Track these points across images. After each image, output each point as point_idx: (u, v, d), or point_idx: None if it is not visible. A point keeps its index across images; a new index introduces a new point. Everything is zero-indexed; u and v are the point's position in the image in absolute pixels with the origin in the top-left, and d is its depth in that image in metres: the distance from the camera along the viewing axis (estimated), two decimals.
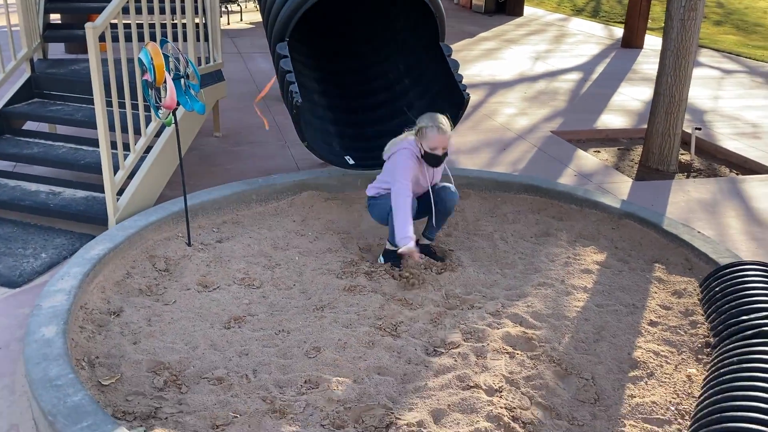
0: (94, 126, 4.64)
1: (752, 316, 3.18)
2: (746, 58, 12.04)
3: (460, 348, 3.20)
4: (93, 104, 5.05)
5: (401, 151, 3.91)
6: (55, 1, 6.02)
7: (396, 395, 2.88)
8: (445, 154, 3.88)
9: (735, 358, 2.92)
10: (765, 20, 16.68)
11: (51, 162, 4.68)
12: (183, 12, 5.07)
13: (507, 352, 3.17)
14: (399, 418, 2.72)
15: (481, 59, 10.90)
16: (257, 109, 6.05)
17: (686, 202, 5.30)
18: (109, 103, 4.27)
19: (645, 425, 2.75)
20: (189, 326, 3.31)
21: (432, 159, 3.86)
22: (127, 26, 4.39)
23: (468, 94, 4.72)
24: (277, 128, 6.79)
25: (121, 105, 4.92)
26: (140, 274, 3.76)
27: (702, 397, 2.83)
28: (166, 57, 3.73)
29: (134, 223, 4.04)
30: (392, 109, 5.45)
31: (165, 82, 3.66)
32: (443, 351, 3.19)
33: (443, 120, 3.86)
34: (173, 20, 4.98)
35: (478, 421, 2.70)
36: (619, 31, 14.26)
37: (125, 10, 4.25)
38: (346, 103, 5.59)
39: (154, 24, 4.74)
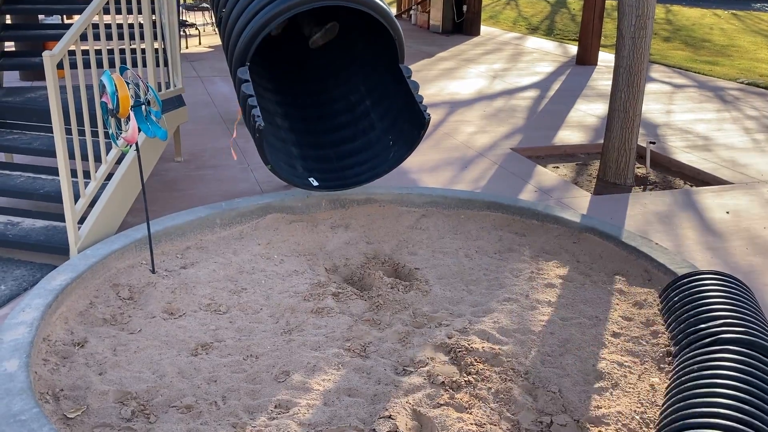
0: (52, 154, 4.59)
1: (710, 324, 3.28)
2: (695, 72, 12.43)
3: (428, 366, 3.23)
4: (51, 132, 4.99)
5: None
6: (10, 29, 5.95)
7: (366, 416, 2.89)
8: None
9: (695, 366, 3.00)
10: (711, 36, 17.26)
11: (9, 192, 4.60)
12: (142, 37, 5.06)
13: (475, 369, 3.20)
14: None
15: (440, 79, 11.05)
16: (232, 144, 6.05)
17: (643, 215, 5.44)
18: (68, 131, 4.23)
19: None
20: (155, 354, 3.28)
21: None
22: (85, 53, 4.36)
23: (429, 115, 4.79)
24: (240, 152, 6.78)
25: (81, 132, 4.87)
26: (104, 303, 3.71)
27: (665, 406, 2.90)
28: (127, 84, 3.72)
29: (96, 251, 3.99)
30: (354, 130, 5.50)
31: (129, 116, 3.65)
32: (412, 370, 3.22)
33: None
34: (132, 46, 4.96)
35: None
36: (573, 49, 14.61)
37: (83, 37, 4.22)
38: (308, 125, 5.62)
39: (112, 50, 4.71)
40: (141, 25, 5.11)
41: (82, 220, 4.27)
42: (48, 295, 3.48)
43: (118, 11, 4.95)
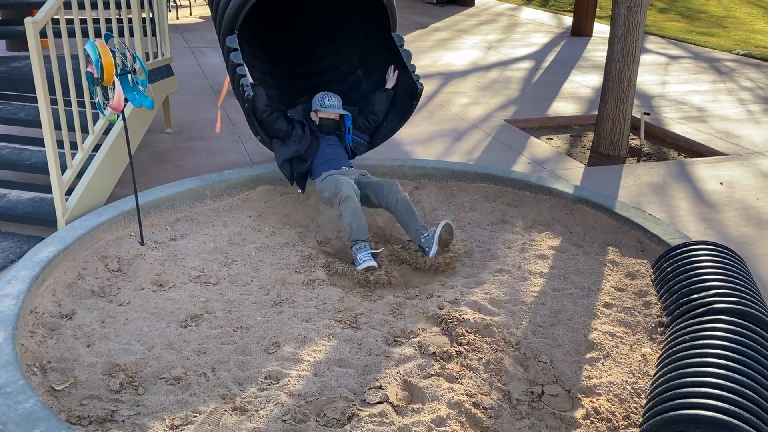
0: (38, 125, 4.50)
1: (702, 294, 3.26)
2: (691, 44, 12.34)
3: (419, 337, 3.21)
4: (36, 102, 4.90)
5: None
6: None
7: (357, 387, 2.88)
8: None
9: (687, 336, 2.99)
10: (708, 7, 17.11)
11: None
12: (129, 6, 4.95)
13: (466, 339, 3.19)
14: (361, 410, 2.72)
15: (434, 50, 10.93)
16: (219, 111, 5.96)
17: (637, 186, 5.41)
18: (53, 101, 4.14)
19: (603, 404, 2.80)
20: (144, 326, 3.25)
21: None
22: (69, 22, 4.26)
23: (422, 85, 4.72)
24: (230, 123, 6.70)
25: (67, 103, 4.79)
26: (92, 275, 3.67)
27: (656, 376, 2.89)
28: (113, 52, 3.64)
29: (84, 223, 3.94)
30: (346, 101, 5.42)
31: (113, 82, 3.57)
32: (403, 341, 3.20)
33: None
34: (119, 15, 4.86)
35: (439, 408, 2.71)
36: (568, 20, 14.46)
37: (67, 5, 4.12)
38: (299, 95, 5.53)
39: (98, 19, 4.61)
40: None
41: (69, 192, 4.21)
42: (35, 267, 3.43)
43: None
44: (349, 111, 4.74)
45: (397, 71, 4.77)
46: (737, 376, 2.62)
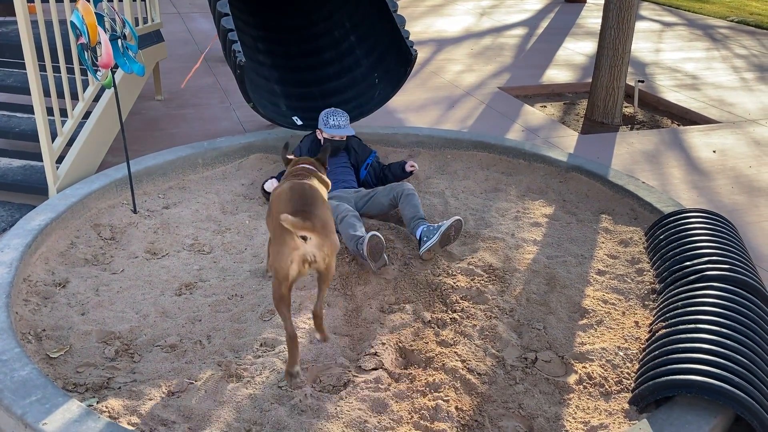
0: (27, 92, 4.44)
1: (695, 261, 3.28)
2: (685, 11, 12.24)
3: (413, 304, 3.23)
4: (24, 68, 4.83)
5: None
6: None
7: (352, 353, 2.89)
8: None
9: (679, 303, 3.02)
10: None
11: None
12: None
13: (460, 306, 3.21)
14: (356, 376, 2.74)
15: (427, 15, 10.81)
16: (194, 69, 5.88)
17: (630, 154, 5.41)
18: (42, 68, 4.08)
19: (595, 369, 2.83)
20: (138, 295, 3.25)
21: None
22: None
23: (415, 51, 4.67)
24: (222, 90, 6.63)
25: (56, 69, 4.71)
26: (85, 243, 3.65)
27: (649, 342, 2.92)
28: (101, 16, 3.57)
29: (76, 191, 3.91)
30: (339, 67, 5.37)
31: (99, 40, 3.50)
32: (398, 308, 3.21)
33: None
34: None
35: (434, 374, 2.73)
36: None
37: None
38: (292, 62, 5.48)
39: None
40: None
41: (60, 160, 4.16)
42: (27, 236, 3.41)
43: None
44: (371, 150, 4.49)
45: (415, 165, 4.37)
46: (728, 342, 2.65)
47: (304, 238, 2.55)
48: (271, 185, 4.08)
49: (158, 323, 3.04)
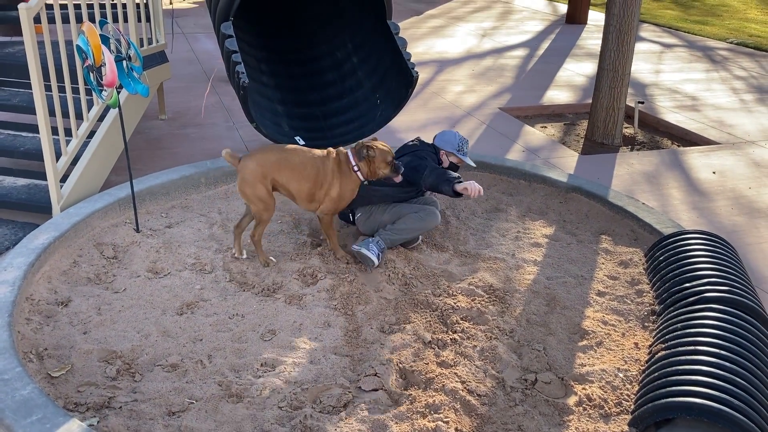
0: (32, 111, 4.49)
1: (694, 283, 3.29)
2: (685, 32, 12.34)
3: (414, 324, 3.24)
4: (30, 88, 4.87)
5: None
6: None
7: (353, 374, 2.90)
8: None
9: (679, 325, 3.03)
10: None
11: None
12: None
13: (461, 327, 3.22)
14: (356, 397, 2.74)
15: (428, 37, 10.90)
16: (207, 95, 5.93)
17: (630, 175, 5.43)
18: (48, 87, 4.12)
19: (595, 391, 2.83)
20: (140, 314, 3.26)
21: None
22: (63, 7, 4.23)
23: (417, 73, 4.72)
24: (225, 109, 6.68)
25: (61, 89, 4.76)
26: (88, 262, 3.67)
27: (648, 364, 2.93)
28: (106, 38, 3.62)
29: (79, 210, 3.94)
30: (341, 88, 5.42)
31: (104, 60, 3.55)
32: (398, 328, 3.22)
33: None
34: (112, 0, 4.82)
35: (434, 395, 2.74)
36: (563, 8, 14.44)
37: None
38: (295, 82, 5.53)
39: (92, 4, 4.58)
40: None
41: (64, 179, 4.20)
42: (30, 254, 3.44)
43: None
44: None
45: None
46: (728, 364, 2.65)
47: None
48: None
49: (159, 343, 3.06)
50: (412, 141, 4.09)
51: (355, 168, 3.70)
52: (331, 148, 3.82)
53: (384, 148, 3.70)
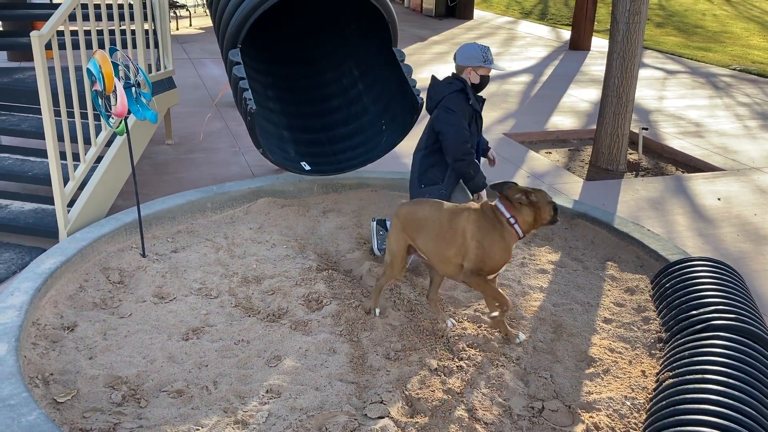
0: (41, 136, 4.53)
1: (702, 310, 3.28)
2: (688, 59, 12.42)
3: (420, 351, 3.23)
4: (39, 114, 4.93)
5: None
6: None
7: (358, 401, 2.89)
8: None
9: (686, 353, 3.01)
10: (704, 22, 17.24)
11: None
12: (132, 18, 4.99)
13: (467, 354, 3.20)
14: (362, 424, 2.73)
15: (432, 63, 10.99)
16: (206, 120, 5.98)
17: (635, 201, 5.44)
18: (57, 113, 4.16)
19: (602, 419, 2.81)
20: (146, 339, 3.26)
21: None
22: (74, 33, 4.29)
23: (422, 99, 4.75)
24: (231, 135, 6.73)
25: (70, 114, 4.81)
26: (94, 287, 3.68)
27: (656, 392, 2.91)
28: (116, 65, 3.67)
29: (86, 235, 3.96)
30: (347, 114, 5.46)
31: (115, 89, 3.59)
32: (404, 355, 3.21)
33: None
34: (122, 27, 4.89)
35: (440, 423, 2.72)
36: (566, 34, 14.56)
37: (72, 17, 4.15)
38: (301, 108, 5.58)
39: (102, 31, 4.64)
40: (131, 6, 5.04)
41: (71, 203, 4.22)
42: (37, 279, 3.45)
43: None
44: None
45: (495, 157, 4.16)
46: (736, 393, 2.64)
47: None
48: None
49: (165, 368, 3.05)
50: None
51: (512, 220, 3.14)
52: (472, 203, 3.33)
53: (538, 189, 3.21)
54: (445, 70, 10.43)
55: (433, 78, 3.94)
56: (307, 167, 4.91)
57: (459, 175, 3.80)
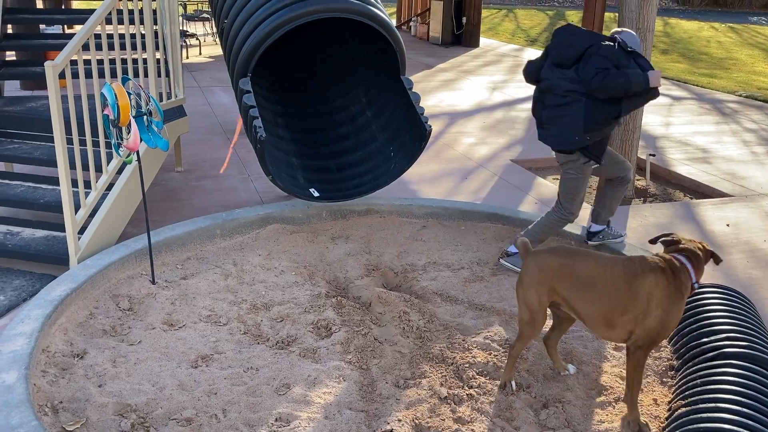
0: (53, 164, 4.58)
1: (713, 338, 3.26)
2: (693, 85, 12.48)
3: (429, 379, 3.21)
4: (51, 142, 4.98)
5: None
6: (11, 38, 5.96)
7: (367, 430, 2.87)
8: None
9: (698, 380, 2.99)
10: (709, 49, 17.34)
11: (9, 201, 4.58)
12: (143, 47, 5.06)
13: (477, 382, 3.19)
14: None
15: (439, 90, 11.08)
16: (230, 154, 6.04)
17: (644, 227, 5.43)
18: (68, 141, 4.22)
19: None
20: (155, 366, 3.26)
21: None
22: (86, 62, 4.36)
23: (430, 126, 4.79)
24: (240, 162, 6.78)
25: (81, 142, 4.86)
26: (104, 314, 3.69)
27: (668, 420, 2.88)
28: (129, 94, 3.72)
29: (96, 262, 3.98)
30: (355, 141, 5.50)
31: (129, 124, 3.65)
32: (413, 383, 3.20)
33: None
34: (134, 56, 4.96)
35: None
36: None
37: (85, 46, 4.22)
38: (310, 136, 5.63)
39: (114, 60, 4.72)
40: (142, 36, 5.12)
41: (82, 231, 4.25)
42: (47, 306, 3.46)
43: (120, 21, 4.95)
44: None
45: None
46: (750, 422, 2.61)
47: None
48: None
49: (174, 396, 3.04)
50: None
51: (695, 284, 2.81)
52: (651, 256, 2.87)
53: (693, 238, 2.94)
54: (453, 96, 10.50)
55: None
56: (316, 194, 4.94)
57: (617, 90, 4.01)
